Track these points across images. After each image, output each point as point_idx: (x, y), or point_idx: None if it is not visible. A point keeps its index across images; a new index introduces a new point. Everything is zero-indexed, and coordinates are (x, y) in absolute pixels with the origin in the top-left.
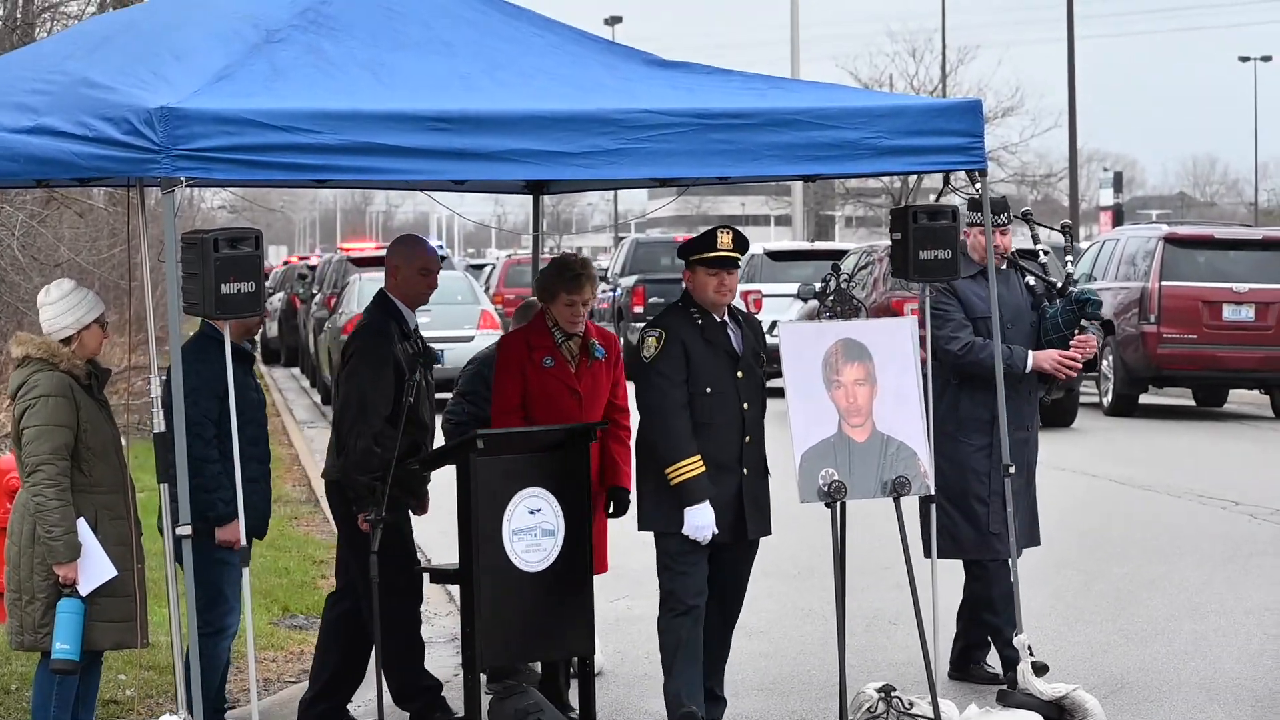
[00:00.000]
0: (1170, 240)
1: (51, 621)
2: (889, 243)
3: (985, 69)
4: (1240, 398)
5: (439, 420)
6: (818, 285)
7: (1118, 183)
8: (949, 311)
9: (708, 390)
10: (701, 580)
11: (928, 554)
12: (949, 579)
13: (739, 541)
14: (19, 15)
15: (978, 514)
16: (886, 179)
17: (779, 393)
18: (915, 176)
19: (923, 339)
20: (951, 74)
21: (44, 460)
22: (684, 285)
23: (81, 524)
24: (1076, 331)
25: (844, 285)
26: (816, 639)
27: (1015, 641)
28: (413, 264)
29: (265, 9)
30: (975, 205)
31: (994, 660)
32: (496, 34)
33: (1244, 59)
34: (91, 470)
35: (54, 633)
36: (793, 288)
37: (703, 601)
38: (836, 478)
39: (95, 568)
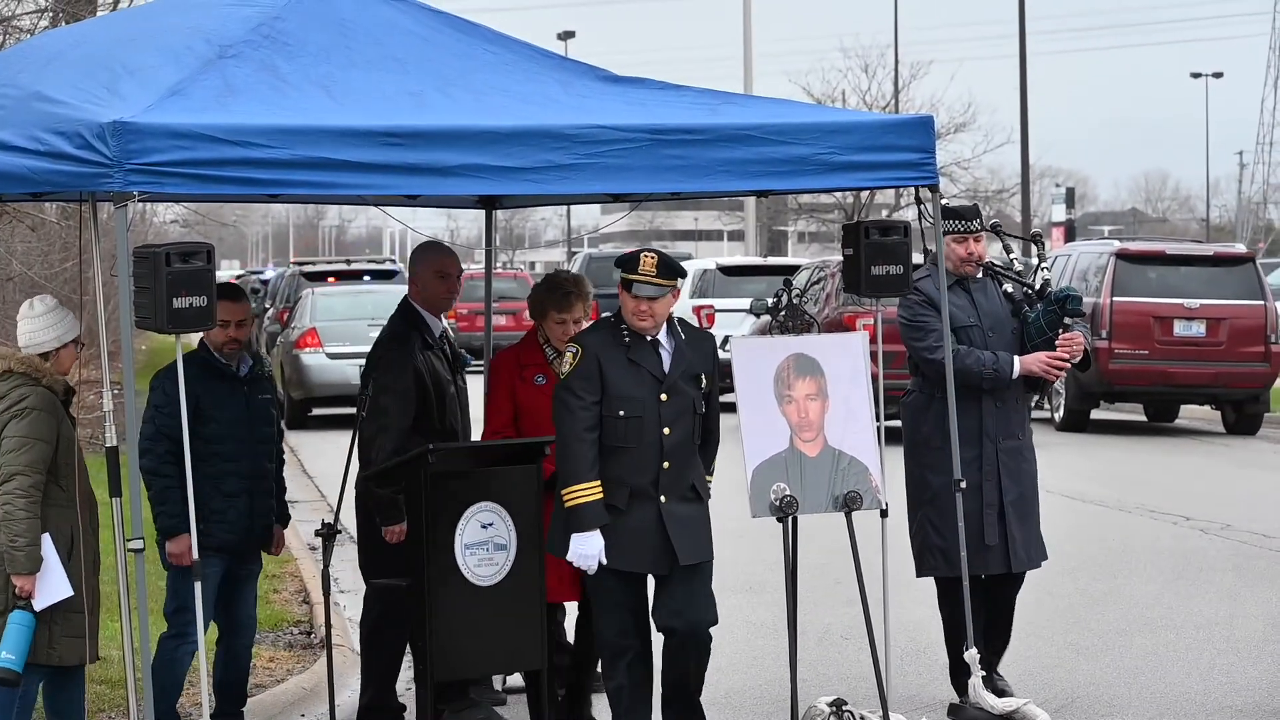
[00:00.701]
0: (1122, 256)
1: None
2: (841, 258)
3: (938, 85)
4: (1191, 413)
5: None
6: (770, 300)
7: (1070, 199)
8: (929, 322)
9: (621, 414)
10: (624, 618)
11: (919, 573)
12: (900, 595)
13: (673, 572)
14: None
15: (973, 527)
16: (839, 195)
17: (734, 408)
18: (868, 192)
19: (874, 355)
20: (904, 90)
21: (19, 470)
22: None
23: (45, 540)
24: (1061, 331)
25: (796, 300)
26: (769, 653)
27: (965, 656)
28: (429, 268)
29: (219, 25)
30: (949, 214)
31: (1005, 674)
32: (449, 50)
33: (1196, 75)
34: (70, 485)
35: (2, 642)
36: (745, 303)
37: (633, 642)
38: (788, 492)
39: (53, 585)
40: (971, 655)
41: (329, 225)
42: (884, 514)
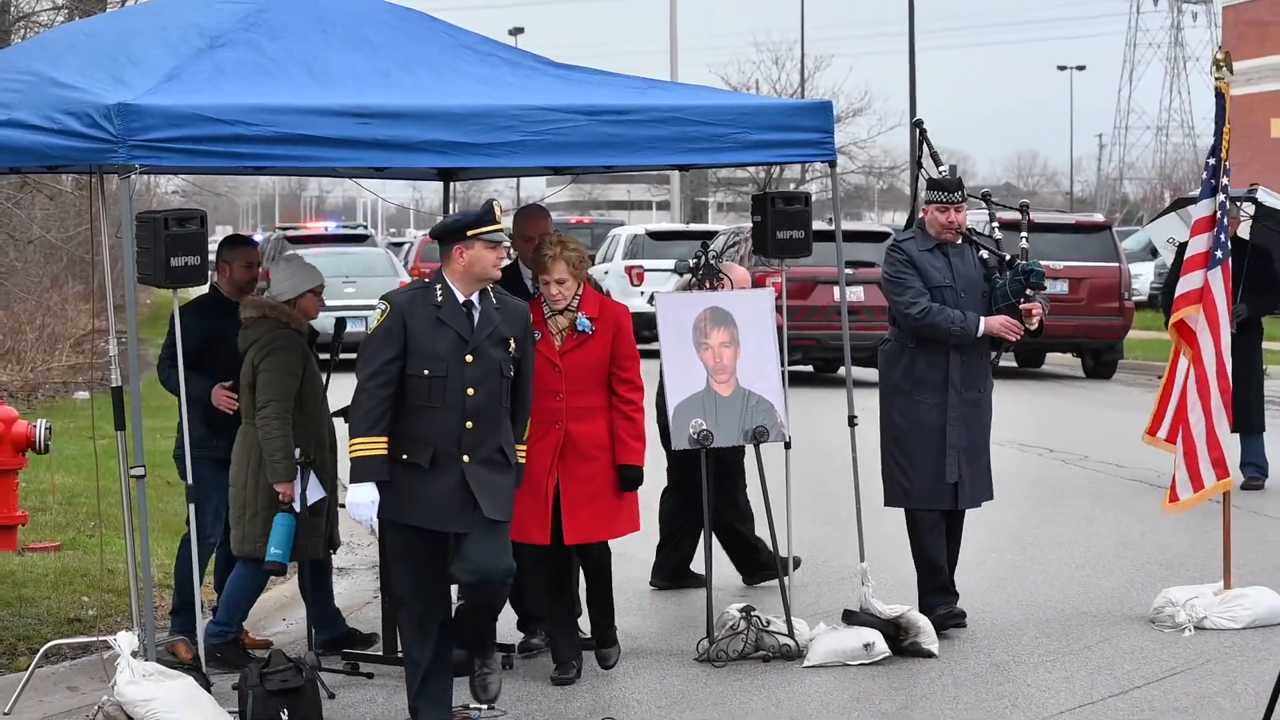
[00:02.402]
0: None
1: (267, 533)
2: (752, 224)
3: (839, 75)
4: (1056, 360)
5: None
6: (691, 261)
7: (952, 174)
8: (907, 280)
9: (425, 372)
10: (416, 576)
11: (886, 503)
12: (801, 515)
13: (473, 529)
14: None
15: (932, 466)
16: (753, 169)
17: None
18: (777, 167)
19: (780, 308)
20: (809, 79)
21: (272, 398)
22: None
23: (296, 453)
24: (1023, 300)
25: (713, 261)
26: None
27: (858, 569)
28: (518, 232)
29: (211, 18)
30: (935, 185)
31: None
32: (414, 37)
33: (1062, 68)
34: (313, 411)
35: (270, 539)
36: (670, 263)
37: (427, 605)
38: (705, 427)
39: (311, 490)
40: (862, 568)
41: (310, 195)
42: (787, 446)
